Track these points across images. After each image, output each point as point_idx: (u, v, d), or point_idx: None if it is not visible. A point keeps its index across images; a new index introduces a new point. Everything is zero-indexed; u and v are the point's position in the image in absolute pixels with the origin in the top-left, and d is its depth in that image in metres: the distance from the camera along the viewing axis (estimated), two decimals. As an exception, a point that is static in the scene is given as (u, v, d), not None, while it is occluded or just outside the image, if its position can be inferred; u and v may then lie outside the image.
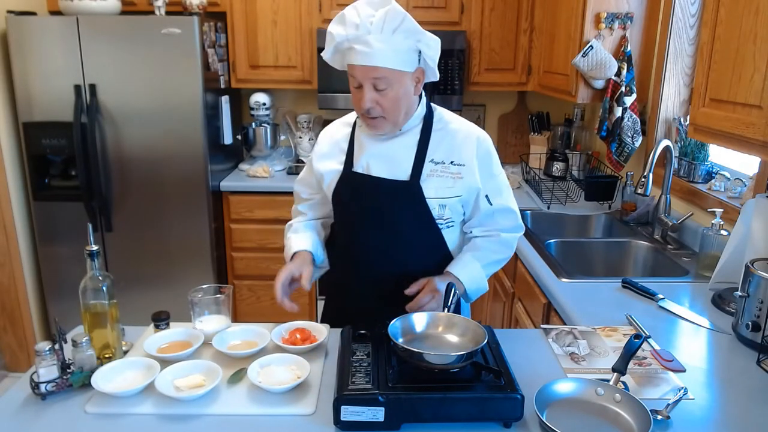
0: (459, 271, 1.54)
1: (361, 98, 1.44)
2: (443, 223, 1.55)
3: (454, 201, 1.53)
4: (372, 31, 1.39)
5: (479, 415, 1.11)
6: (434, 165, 1.52)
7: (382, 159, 1.53)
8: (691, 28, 2.48)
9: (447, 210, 1.53)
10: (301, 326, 1.43)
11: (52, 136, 2.90)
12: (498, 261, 1.62)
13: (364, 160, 1.54)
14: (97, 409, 1.16)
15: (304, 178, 1.72)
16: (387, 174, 1.52)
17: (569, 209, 2.72)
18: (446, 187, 1.51)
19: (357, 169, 1.55)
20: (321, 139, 1.68)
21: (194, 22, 2.79)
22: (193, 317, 1.43)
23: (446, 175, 1.51)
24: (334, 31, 1.44)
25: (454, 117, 1.59)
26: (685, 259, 2.08)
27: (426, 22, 3.27)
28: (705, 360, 1.41)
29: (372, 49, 1.39)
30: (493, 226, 1.59)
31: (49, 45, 2.80)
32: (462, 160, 1.52)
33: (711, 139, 1.65)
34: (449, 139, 1.54)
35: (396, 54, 1.40)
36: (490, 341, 1.26)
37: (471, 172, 1.52)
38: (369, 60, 1.39)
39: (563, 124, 3.44)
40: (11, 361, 3.19)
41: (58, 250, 3.06)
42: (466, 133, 1.55)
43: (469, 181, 1.52)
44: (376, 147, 1.54)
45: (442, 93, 3.28)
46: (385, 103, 1.44)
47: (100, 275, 1.26)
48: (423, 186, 1.50)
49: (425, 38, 1.44)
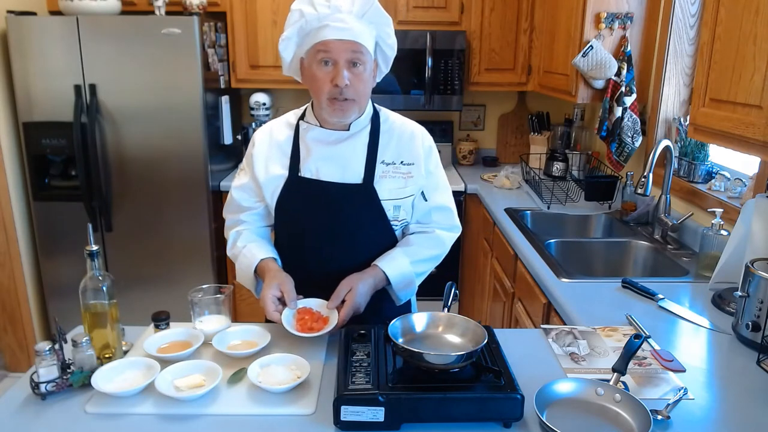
0: (386, 265, 1.48)
1: (335, 76, 1.39)
2: (397, 224, 1.54)
3: (407, 201, 1.53)
4: (342, 9, 1.39)
5: (479, 415, 1.10)
6: (386, 166, 1.50)
7: (333, 162, 1.48)
8: (691, 28, 2.48)
9: (401, 211, 1.53)
10: (305, 307, 1.41)
11: (52, 136, 2.90)
12: (430, 258, 1.56)
13: (313, 164, 1.49)
14: (97, 409, 1.15)
15: (246, 185, 1.57)
16: (339, 178, 1.48)
17: (569, 209, 2.72)
18: (399, 188, 1.50)
19: (305, 174, 1.49)
20: (258, 141, 1.55)
21: (194, 22, 2.80)
22: (193, 317, 1.43)
23: (398, 176, 1.50)
24: (303, 8, 1.40)
25: (397, 116, 1.59)
26: (685, 259, 2.08)
27: (426, 22, 3.27)
28: (705, 360, 1.41)
29: (349, 24, 1.38)
30: (429, 224, 1.58)
31: (49, 45, 2.80)
32: (411, 159, 1.52)
33: (711, 139, 1.65)
34: (397, 139, 1.53)
35: (367, 35, 1.42)
36: (490, 341, 1.26)
37: (419, 171, 1.52)
38: (348, 34, 1.38)
39: (563, 124, 3.44)
40: (11, 361, 3.19)
41: (58, 249, 3.06)
42: (411, 132, 1.55)
43: (419, 179, 1.52)
44: (326, 150, 1.49)
45: (442, 93, 3.29)
46: (357, 84, 1.41)
47: (100, 275, 1.26)
48: (377, 188, 1.48)
49: (388, 29, 1.46)
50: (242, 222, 1.60)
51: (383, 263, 1.49)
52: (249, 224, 1.61)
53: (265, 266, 1.49)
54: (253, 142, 1.57)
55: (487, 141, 3.84)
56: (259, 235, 1.60)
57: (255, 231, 1.61)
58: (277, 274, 1.46)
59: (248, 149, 1.59)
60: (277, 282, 1.42)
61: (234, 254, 1.58)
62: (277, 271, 1.47)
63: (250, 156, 1.56)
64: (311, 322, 1.38)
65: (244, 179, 1.58)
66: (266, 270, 1.48)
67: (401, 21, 3.27)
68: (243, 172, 1.60)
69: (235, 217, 1.62)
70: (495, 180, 3.21)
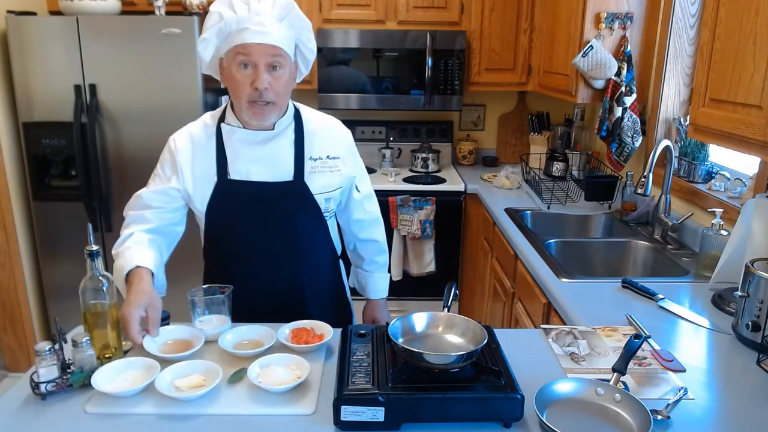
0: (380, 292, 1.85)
1: (255, 79, 1.40)
2: (328, 215, 1.61)
3: (336, 193, 1.60)
4: (261, 13, 1.39)
5: (479, 415, 1.10)
6: (314, 162, 1.55)
7: (262, 162, 1.50)
8: (691, 28, 2.48)
9: (331, 203, 1.60)
10: (302, 326, 1.43)
11: (52, 136, 2.90)
12: (386, 257, 1.85)
13: (242, 166, 1.49)
14: (97, 409, 1.15)
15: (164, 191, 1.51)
16: (270, 177, 1.51)
17: (569, 209, 2.72)
18: (328, 182, 1.57)
19: (234, 177, 1.50)
20: (181, 147, 1.51)
21: (194, 22, 2.79)
22: (193, 317, 1.43)
23: (326, 170, 1.57)
24: (223, 11, 1.40)
25: (316, 112, 1.63)
26: (685, 259, 2.08)
27: (426, 22, 3.27)
28: (705, 360, 1.41)
29: (268, 28, 1.39)
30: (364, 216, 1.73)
31: (49, 45, 2.80)
32: (336, 153, 1.59)
33: (711, 139, 1.65)
34: (321, 135, 1.58)
35: (286, 39, 1.43)
36: (490, 341, 1.26)
37: (345, 163, 1.61)
38: (268, 39, 1.39)
39: (563, 124, 3.44)
40: (11, 361, 3.19)
41: (58, 249, 3.05)
42: (332, 127, 1.62)
43: (345, 172, 1.60)
44: (253, 151, 1.50)
45: (442, 93, 3.29)
46: (277, 87, 1.43)
47: (100, 275, 1.26)
48: (308, 183, 1.53)
49: (308, 33, 1.49)
50: (145, 219, 1.51)
51: (377, 293, 1.84)
52: (151, 223, 1.51)
53: (136, 276, 1.36)
54: (173, 148, 1.51)
55: (487, 141, 3.84)
56: (153, 242, 1.49)
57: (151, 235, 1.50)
58: (146, 289, 1.34)
59: (166, 155, 1.53)
60: (144, 301, 1.31)
61: (116, 253, 1.46)
62: (147, 287, 1.34)
63: (172, 163, 1.51)
64: (307, 336, 1.38)
65: (161, 185, 1.52)
66: (135, 282, 1.35)
67: (401, 21, 3.27)
68: (159, 178, 1.53)
69: (138, 213, 1.52)
70: (495, 180, 3.21)
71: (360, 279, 1.86)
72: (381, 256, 1.84)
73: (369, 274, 1.83)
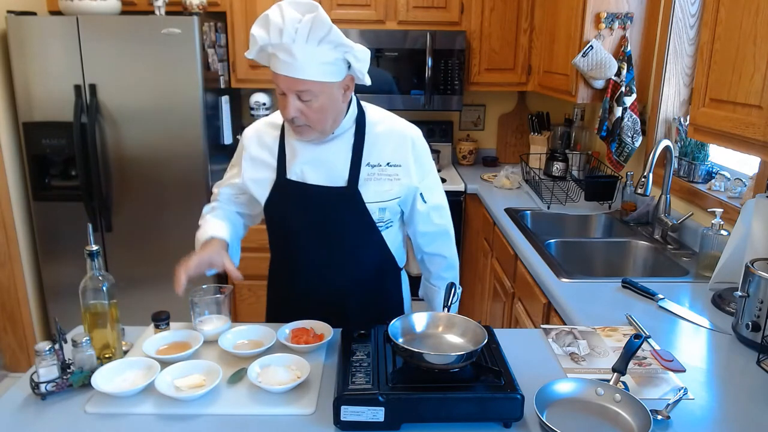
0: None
1: (285, 106, 1.37)
2: (383, 225, 1.54)
3: (393, 203, 1.52)
4: (296, 39, 1.30)
5: (479, 415, 1.11)
6: (371, 168, 1.48)
7: (317, 165, 1.47)
8: (691, 28, 2.48)
9: (387, 213, 1.52)
10: (302, 326, 1.43)
11: (52, 136, 2.90)
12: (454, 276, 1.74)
13: (298, 167, 1.48)
14: (97, 409, 1.16)
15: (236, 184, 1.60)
16: (323, 181, 1.47)
17: (569, 209, 2.72)
18: (384, 190, 1.49)
19: (291, 177, 1.49)
20: (248, 142, 1.56)
21: (194, 22, 2.80)
22: (193, 317, 1.43)
23: (383, 178, 1.48)
24: (256, 34, 1.33)
25: (386, 115, 1.55)
26: (685, 259, 2.08)
27: (426, 22, 3.27)
28: (705, 360, 1.41)
29: (296, 60, 1.31)
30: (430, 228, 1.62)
31: (49, 45, 2.80)
32: (398, 160, 1.50)
33: (711, 139, 1.65)
34: (384, 140, 1.50)
35: (322, 66, 1.33)
36: (490, 341, 1.26)
37: (407, 173, 1.50)
38: (293, 72, 1.32)
39: (563, 124, 3.44)
40: (11, 361, 3.19)
41: (58, 250, 3.06)
42: (400, 133, 1.52)
43: (406, 181, 1.51)
44: (310, 152, 1.48)
45: (442, 93, 3.29)
46: (310, 114, 1.37)
47: (100, 275, 1.26)
48: (361, 191, 1.47)
49: (353, 51, 1.35)
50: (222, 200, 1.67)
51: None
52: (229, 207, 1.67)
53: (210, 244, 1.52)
54: (242, 143, 1.58)
55: (487, 141, 3.84)
56: (229, 217, 1.63)
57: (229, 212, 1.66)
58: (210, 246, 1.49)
59: (238, 149, 1.61)
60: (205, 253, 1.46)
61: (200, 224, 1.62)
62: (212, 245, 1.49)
63: (239, 156, 1.59)
64: (307, 336, 1.38)
65: (235, 179, 1.61)
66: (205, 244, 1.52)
67: (401, 21, 3.27)
68: (234, 169, 1.63)
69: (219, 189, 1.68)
70: (495, 180, 3.21)
71: (427, 293, 1.78)
72: (449, 271, 1.72)
73: (436, 290, 1.73)
